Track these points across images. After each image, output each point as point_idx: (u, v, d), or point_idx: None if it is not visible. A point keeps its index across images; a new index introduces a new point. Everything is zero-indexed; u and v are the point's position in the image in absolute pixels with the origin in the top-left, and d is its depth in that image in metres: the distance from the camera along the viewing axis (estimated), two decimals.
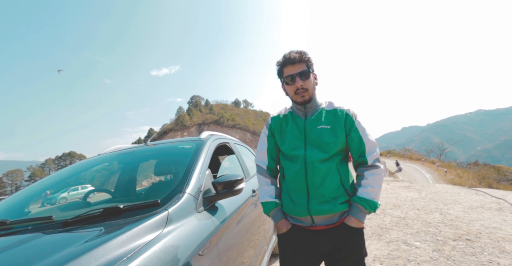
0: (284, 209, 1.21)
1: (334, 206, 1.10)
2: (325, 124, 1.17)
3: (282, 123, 1.27)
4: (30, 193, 1.62)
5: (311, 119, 1.20)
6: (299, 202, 1.14)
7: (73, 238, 0.93)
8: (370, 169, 1.13)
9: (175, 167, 1.72)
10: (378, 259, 2.65)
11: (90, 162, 1.93)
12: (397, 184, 8.18)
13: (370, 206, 1.07)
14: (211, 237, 1.16)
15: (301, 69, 1.16)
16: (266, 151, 1.31)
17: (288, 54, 1.18)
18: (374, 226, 3.75)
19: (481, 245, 2.74)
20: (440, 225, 3.53)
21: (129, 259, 0.78)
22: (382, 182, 1.11)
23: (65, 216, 1.11)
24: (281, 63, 1.20)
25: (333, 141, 1.14)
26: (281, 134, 1.26)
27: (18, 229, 1.06)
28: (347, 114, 1.18)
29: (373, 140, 1.17)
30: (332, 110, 1.21)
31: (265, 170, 1.31)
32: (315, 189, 1.12)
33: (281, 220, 1.20)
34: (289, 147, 1.21)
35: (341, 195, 1.12)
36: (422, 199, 5.35)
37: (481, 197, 4.98)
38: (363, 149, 1.15)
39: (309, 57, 1.19)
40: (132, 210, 1.08)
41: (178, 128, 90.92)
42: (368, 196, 1.08)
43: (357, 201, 1.09)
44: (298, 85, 1.16)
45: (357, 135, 1.15)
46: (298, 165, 1.16)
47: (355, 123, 1.17)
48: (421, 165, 32.67)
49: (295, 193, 1.16)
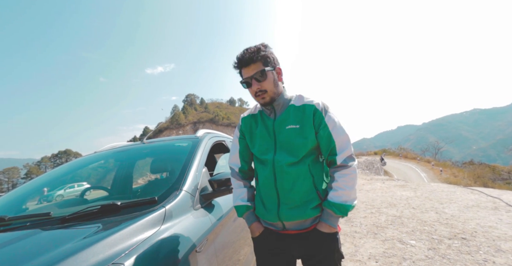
0: (256, 213, 1.17)
1: (304, 211, 1.04)
2: (293, 124, 1.09)
3: (252, 124, 1.21)
4: (27, 190, 1.61)
5: (280, 119, 1.12)
6: (270, 208, 1.09)
7: (72, 234, 0.93)
8: (340, 169, 1.05)
9: (171, 165, 1.72)
10: (374, 257, 2.68)
11: (87, 159, 1.92)
12: (392, 182, 8.25)
13: (341, 210, 1.01)
14: (208, 234, 1.16)
15: (256, 70, 1.06)
16: (238, 153, 1.26)
17: (240, 56, 1.08)
18: (369, 225, 3.78)
19: (476, 244, 2.77)
20: (436, 223, 3.57)
21: (127, 255, 0.78)
22: (354, 181, 1.04)
23: (63, 212, 1.11)
24: (237, 66, 1.10)
25: (302, 142, 1.06)
26: (251, 136, 1.20)
27: (17, 225, 1.06)
28: (315, 110, 1.08)
29: (345, 134, 1.07)
30: (301, 106, 1.11)
31: (237, 173, 1.25)
32: (285, 194, 1.06)
33: (253, 223, 1.16)
34: (259, 151, 1.15)
35: (313, 199, 1.06)
36: (417, 198, 5.41)
37: (476, 196, 5.04)
38: (333, 146, 1.06)
39: (264, 54, 1.07)
40: (129, 207, 1.08)
41: (174, 127, 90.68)
42: (339, 199, 1.01)
43: (327, 206, 1.03)
44: (255, 89, 1.08)
45: (326, 132, 1.06)
46: (268, 170, 1.10)
47: (325, 119, 1.07)
48: (417, 164, 32.96)
49: (267, 197, 1.11)
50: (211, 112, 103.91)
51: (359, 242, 3.14)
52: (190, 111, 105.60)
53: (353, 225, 3.86)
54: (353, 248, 2.96)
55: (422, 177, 24.80)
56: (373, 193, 6.39)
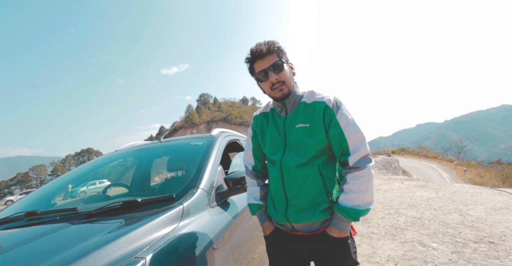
0: (268, 212, 1.17)
1: (312, 214, 1.00)
2: (303, 123, 1.04)
3: (263, 123, 1.18)
4: (54, 186, 1.72)
5: (290, 118, 1.08)
6: (278, 208, 1.08)
7: (97, 228, 0.98)
8: (353, 170, 0.97)
9: (187, 163, 1.76)
10: (393, 259, 2.59)
11: (108, 157, 2.01)
12: (411, 182, 7.94)
13: (351, 215, 0.95)
14: (224, 232, 1.18)
15: (272, 61, 1.03)
16: (251, 151, 1.25)
17: (255, 48, 1.05)
18: (387, 226, 3.67)
19: (506, 249, 2.61)
20: (460, 226, 3.40)
21: (148, 250, 0.81)
22: (368, 184, 0.96)
23: (88, 208, 1.17)
24: (250, 59, 1.07)
25: (312, 142, 1.01)
26: (262, 135, 1.18)
27: (48, 219, 1.13)
28: (326, 107, 1.02)
29: (359, 133, 1.00)
30: (311, 103, 1.06)
31: (251, 171, 1.25)
32: (293, 195, 1.03)
33: (265, 222, 1.16)
34: (269, 150, 1.14)
35: (322, 201, 1.01)
36: (439, 199, 5.17)
37: (505, 198, 4.74)
38: (345, 146, 0.99)
39: (279, 47, 1.06)
40: (149, 204, 1.12)
41: (188, 126, 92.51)
42: (349, 203, 0.95)
43: (337, 209, 0.98)
44: (273, 80, 1.03)
45: (337, 131, 1.00)
46: (276, 171, 1.08)
47: (336, 116, 1.01)
48: (438, 164, 31.49)
49: (276, 198, 1.10)
50: (224, 111, 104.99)
51: (377, 243, 3.05)
52: (204, 110, 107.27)
53: (370, 225, 3.76)
54: (371, 249, 2.89)
55: (444, 177, 23.67)
56: (391, 193, 6.19)
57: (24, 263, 0.77)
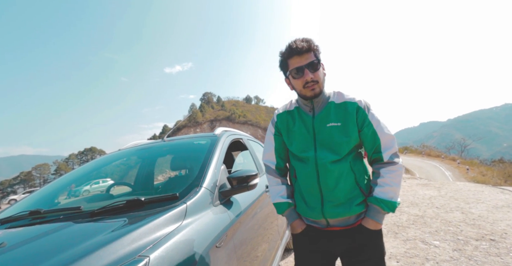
0: (298, 210, 1.16)
1: (349, 208, 1.04)
2: (334, 122, 1.07)
3: (289, 121, 1.18)
4: (58, 185, 1.73)
5: (320, 116, 1.10)
6: (313, 205, 1.08)
7: (101, 227, 0.99)
8: (387, 165, 1.04)
9: (191, 162, 1.77)
10: (395, 257, 2.60)
11: (111, 156, 2.02)
12: (414, 181, 7.92)
13: (389, 207, 1.00)
14: (227, 230, 1.19)
15: (310, 59, 1.04)
16: (273, 150, 1.24)
17: (295, 43, 1.04)
18: (390, 224, 3.67)
19: (506, 246, 2.61)
20: (462, 224, 3.40)
21: (152, 249, 0.82)
22: (401, 179, 1.03)
23: (91, 207, 1.18)
24: (287, 54, 1.07)
25: (346, 141, 1.05)
26: (288, 133, 1.18)
27: (51, 218, 1.14)
28: (358, 108, 1.07)
29: (389, 133, 1.06)
30: (342, 103, 1.09)
31: (274, 170, 1.24)
32: (329, 192, 1.06)
33: (296, 221, 1.16)
34: (298, 148, 1.13)
35: (357, 195, 1.06)
36: (441, 197, 5.16)
37: (507, 196, 4.73)
38: (378, 144, 1.05)
39: (318, 45, 1.06)
40: (152, 203, 1.13)
41: (191, 125, 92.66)
42: (386, 195, 1.01)
43: (374, 202, 1.02)
44: (308, 78, 1.04)
45: (370, 130, 1.05)
46: (309, 167, 1.09)
47: (368, 116, 1.06)
48: (441, 162, 31.35)
49: (309, 195, 1.10)
50: (228, 110, 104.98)
51: None
52: (207, 109, 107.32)
53: None
54: None
55: (447, 176, 23.58)
56: None
57: (28, 261, 0.77)
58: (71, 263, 0.71)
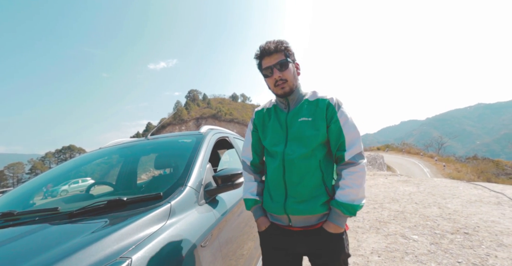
0: (264, 206, 1.18)
1: (313, 207, 1.04)
2: (306, 117, 1.11)
3: (265, 118, 1.24)
4: (34, 185, 1.64)
5: (293, 112, 1.14)
6: (276, 200, 1.10)
7: (80, 228, 0.95)
8: (348, 166, 1.03)
9: (175, 161, 1.73)
10: (376, 252, 2.70)
11: (92, 155, 1.94)
12: (395, 178, 8.24)
13: (349, 210, 1.00)
14: (213, 229, 1.18)
15: (278, 59, 1.09)
16: (250, 146, 1.28)
17: (264, 45, 1.11)
18: (372, 220, 3.80)
19: (479, 239, 2.78)
20: (438, 218, 3.58)
21: (134, 250, 0.79)
22: (363, 179, 1.02)
23: (70, 207, 1.13)
24: (259, 56, 1.13)
25: (314, 134, 1.07)
26: (264, 128, 1.23)
27: (26, 220, 1.08)
28: (329, 104, 1.10)
29: (355, 131, 1.07)
30: (314, 100, 1.13)
31: (249, 166, 1.27)
32: (293, 187, 1.07)
33: (260, 218, 1.17)
34: (270, 142, 1.17)
35: (321, 194, 1.05)
36: (420, 193, 5.40)
37: (479, 191, 5.03)
38: (342, 141, 1.06)
39: (287, 46, 1.12)
40: (135, 203, 1.10)
41: (176, 123, 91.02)
42: (346, 198, 1.00)
43: (335, 205, 1.02)
44: (276, 77, 1.10)
45: (337, 126, 1.07)
46: (277, 162, 1.11)
47: (337, 113, 1.08)
48: (420, 159, 32.82)
49: (274, 190, 1.12)
50: (214, 108, 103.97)
51: (362, 237, 3.16)
52: (193, 107, 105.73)
53: (355, 220, 3.88)
54: (356, 243, 2.98)
55: (425, 172, 24.73)
56: (376, 188, 6.39)
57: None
58: None
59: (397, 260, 2.46)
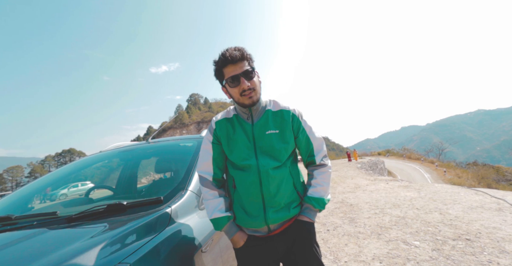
0: (237, 222, 1.12)
1: (288, 211, 1.10)
2: (273, 129, 1.11)
3: (229, 129, 1.15)
4: (33, 189, 1.63)
5: (259, 124, 1.12)
6: (255, 214, 1.07)
7: (79, 233, 0.94)
8: (319, 167, 1.17)
9: (176, 165, 1.73)
10: (378, 258, 2.66)
11: (92, 158, 1.94)
12: (396, 183, 8.20)
13: (319, 204, 1.11)
14: (213, 234, 1.17)
15: (244, 68, 1.04)
16: (211, 159, 1.16)
17: (227, 52, 1.05)
18: (373, 225, 3.76)
19: (480, 245, 2.75)
20: (440, 224, 3.54)
21: (134, 255, 0.78)
22: (330, 178, 1.17)
23: (68, 212, 1.11)
24: (221, 63, 1.06)
25: (284, 147, 1.10)
26: (228, 141, 1.14)
27: (23, 225, 1.07)
28: (293, 116, 1.13)
29: (320, 137, 1.18)
30: (278, 111, 1.14)
31: (211, 182, 1.14)
32: (271, 198, 1.07)
33: (237, 234, 1.10)
34: (239, 157, 1.11)
35: (295, 199, 1.12)
36: (421, 198, 5.37)
37: (480, 197, 5.00)
38: (311, 148, 1.17)
39: (250, 54, 1.09)
40: (135, 207, 1.09)
41: (177, 126, 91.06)
42: (317, 194, 1.12)
43: (307, 200, 1.12)
44: (245, 87, 1.04)
45: (304, 136, 1.15)
46: (252, 175, 1.07)
47: (302, 123, 1.15)
48: (420, 165, 32.73)
49: (250, 204, 1.08)
50: (215, 112, 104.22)
51: (363, 242, 3.12)
52: (194, 111, 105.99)
53: (357, 225, 3.84)
54: (357, 248, 2.95)
55: (426, 178, 24.62)
56: (377, 194, 6.35)
57: None
58: None
59: None
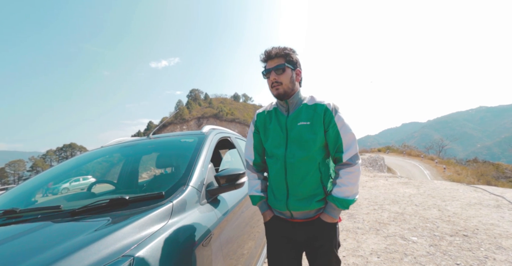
0: (269, 202, 1.31)
1: (310, 203, 1.16)
2: (304, 121, 1.19)
3: (266, 120, 1.31)
4: (36, 183, 1.65)
5: (292, 116, 1.23)
6: (279, 198, 1.22)
7: (83, 226, 0.95)
8: (345, 167, 1.15)
9: (177, 160, 1.74)
10: (375, 253, 2.70)
11: (94, 153, 1.95)
12: (395, 180, 8.24)
13: (343, 205, 1.13)
14: (214, 229, 1.18)
15: (277, 63, 1.19)
16: (252, 147, 1.37)
17: (268, 49, 1.22)
18: (372, 221, 3.80)
19: (478, 241, 2.78)
20: (438, 220, 3.58)
21: (136, 248, 0.80)
22: (357, 178, 1.15)
23: (72, 206, 1.13)
24: (263, 59, 1.24)
25: (312, 138, 1.16)
26: (265, 131, 1.30)
27: (28, 218, 1.09)
28: (326, 109, 1.18)
29: (351, 134, 1.17)
30: (313, 105, 1.22)
31: (252, 166, 1.37)
32: (294, 187, 1.17)
33: (266, 211, 1.31)
34: (271, 145, 1.25)
35: (319, 193, 1.17)
36: (420, 195, 5.40)
37: (479, 194, 5.03)
38: (340, 144, 1.16)
39: (289, 53, 1.21)
40: (137, 201, 1.10)
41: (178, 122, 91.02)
42: (341, 195, 1.13)
43: (331, 199, 1.15)
44: (272, 79, 1.20)
45: (334, 130, 1.16)
46: (279, 164, 1.21)
47: (334, 118, 1.17)
48: (420, 161, 32.79)
49: (277, 189, 1.23)
50: (215, 107, 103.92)
51: (362, 238, 3.16)
52: (194, 106, 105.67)
53: (355, 221, 3.88)
54: (356, 243, 2.99)
55: (425, 175, 24.70)
56: (376, 190, 6.40)
57: (3, 263, 0.74)
58: (51, 264, 0.68)
59: (396, 261, 2.46)
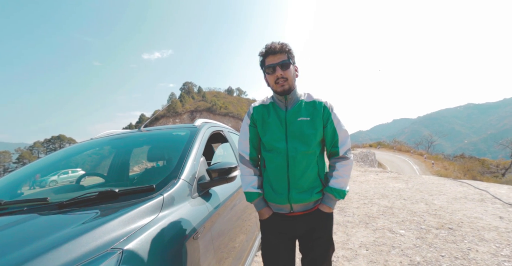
0: (265, 197, 1.30)
1: (311, 195, 1.23)
2: (304, 116, 1.24)
3: (264, 114, 1.31)
4: (22, 174, 1.60)
5: (292, 111, 1.25)
6: (280, 192, 1.24)
7: (70, 219, 0.94)
8: (341, 160, 1.25)
9: (169, 153, 1.72)
10: (364, 245, 2.77)
11: (83, 145, 1.91)
12: (385, 174, 8.41)
13: (340, 194, 1.23)
14: (205, 222, 1.18)
15: (282, 59, 1.20)
16: (248, 140, 1.35)
17: (270, 45, 1.22)
18: (362, 215, 3.89)
19: (462, 234, 2.89)
20: (425, 214, 3.69)
21: (126, 241, 0.79)
22: (351, 171, 1.26)
23: (59, 198, 1.11)
24: (263, 54, 1.24)
25: (313, 133, 1.22)
26: (263, 124, 1.30)
27: (13, 210, 1.05)
28: (324, 107, 1.26)
29: (345, 131, 1.27)
30: (311, 102, 1.27)
31: (248, 160, 1.35)
32: (295, 180, 1.22)
33: (264, 208, 1.30)
34: (271, 139, 1.26)
35: (317, 185, 1.25)
36: (409, 189, 5.55)
37: (465, 188, 5.19)
38: (336, 139, 1.25)
39: (290, 49, 1.23)
40: (127, 194, 1.09)
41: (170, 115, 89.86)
42: (338, 186, 1.22)
43: (329, 190, 1.23)
44: (278, 75, 1.20)
45: (332, 127, 1.25)
46: (280, 158, 1.23)
47: (331, 115, 1.25)
48: (410, 157, 33.56)
49: (277, 183, 1.25)
50: (209, 101, 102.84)
51: (351, 231, 3.24)
52: (188, 99, 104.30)
53: (346, 215, 3.96)
54: (345, 237, 3.06)
55: (415, 170, 25.33)
56: (366, 184, 6.52)
57: None
58: (36, 257, 0.67)
59: (384, 254, 2.54)
